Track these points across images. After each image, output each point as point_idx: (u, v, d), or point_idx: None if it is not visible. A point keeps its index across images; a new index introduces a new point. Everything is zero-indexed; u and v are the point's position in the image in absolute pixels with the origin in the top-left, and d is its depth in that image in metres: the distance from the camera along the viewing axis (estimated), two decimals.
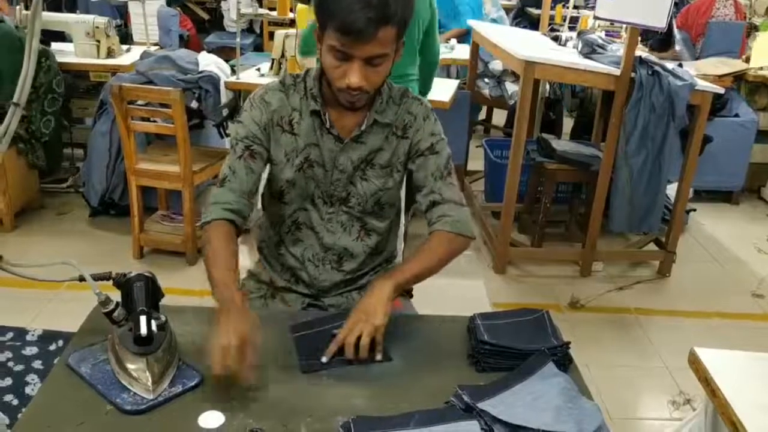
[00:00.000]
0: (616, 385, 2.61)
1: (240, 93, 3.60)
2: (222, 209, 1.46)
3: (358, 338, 1.30)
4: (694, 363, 1.41)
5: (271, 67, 3.55)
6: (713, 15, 5.30)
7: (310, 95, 1.50)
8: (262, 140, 1.51)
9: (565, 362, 1.34)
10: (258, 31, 6.80)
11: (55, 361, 1.29)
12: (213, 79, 3.39)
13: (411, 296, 1.80)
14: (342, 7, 1.29)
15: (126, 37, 4.74)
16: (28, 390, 2.28)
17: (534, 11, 5.88)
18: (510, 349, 1.32)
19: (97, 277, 1.27)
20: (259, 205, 1.69)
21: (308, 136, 1.51)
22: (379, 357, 1.32)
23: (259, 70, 3.68)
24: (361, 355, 1.30)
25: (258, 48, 6.44)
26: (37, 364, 2.41)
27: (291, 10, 4.26)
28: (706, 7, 5.32)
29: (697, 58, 4.62)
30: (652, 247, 3.65)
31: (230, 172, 1.50)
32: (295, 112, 1.52)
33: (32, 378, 2.34)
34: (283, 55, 3.46)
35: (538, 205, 3.60)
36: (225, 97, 3.41)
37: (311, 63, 3.40)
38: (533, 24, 5.58)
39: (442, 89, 3.36)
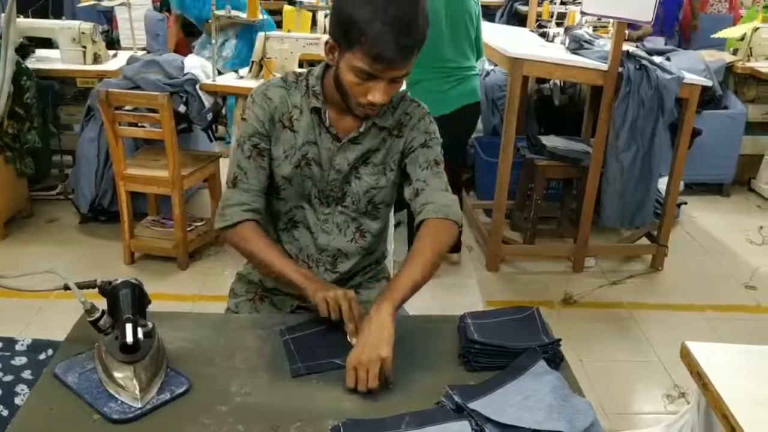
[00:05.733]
0: (610, 379, 2.61)
1: (225, 97, 3.58)
2: (242, 211, 1.50)
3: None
4: (686, 357, 1.42)
5: (250, 70, 3.53)
6: (707, 11, 5.34)
7: (312, 93, 1.50)
8: (266, 136, 1.52)
9: (556, 359, 1.33)
10: None
11: (44, 371, 1.28)
12: (195, 83, 3.37)
13: None
14: (378, 35, 1.28)
15: (113, 43, 4.71)
16: (17, 401, 2.25)
17: (522, 8, 5.89)
18: (500, 347, 1.31)
19: (82, 286, 1.26)
20: None
21: (307, 133, 1.51)
22: (389, 386, 1.26)
23: (237, 72, 3.66)
24: (370, 388, 1.23)
25: None
26: (27, 374, 2.39)
27: (273, 13, 4.23)
28: (700, 4, 5.36)
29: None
30: (644, 241, 3.65)
31: (241, 172, 1.52)
32: (296, 109, 1.52)
33: (21, 388, 2.32)
34: (263, 58, 3.43)
35: (530, 202, 3.60)
36: (206, 100, 3.38)
37: (292, 65, 3.39)
38: (521, 21, 5.59)
39: None
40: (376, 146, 1.54)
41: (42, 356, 2.46)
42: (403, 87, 3.25)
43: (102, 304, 1.27)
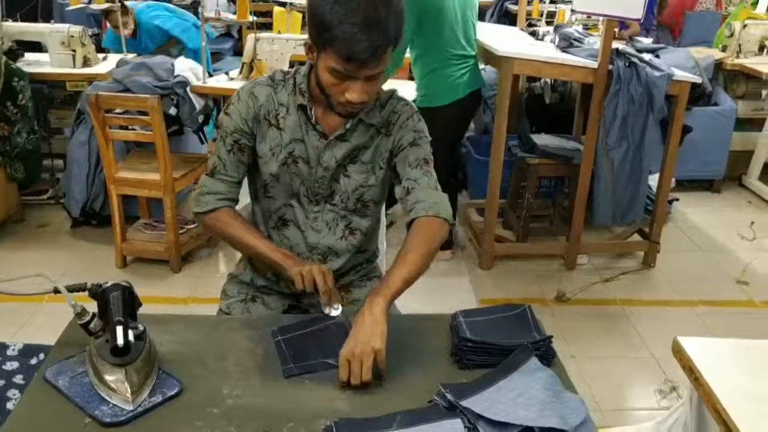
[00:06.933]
0: (604, 376, 2.62)
1: (216, 99, 3.57)
2: (218, 199, 1.56)
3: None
4: (678, 352, 1.42)
5: (241, 71, 3.53)
6: (696, 9, 5.37)
7: (299, 91, 1.51)
8: (249, 134, 1.54)
9: (548, 356, 1.33)
10: (237, 35, 6.77)
11: (35, 375, 1.27)
12: (185, 85, 3.36)
13: None
14: (347, 34, 1.30)
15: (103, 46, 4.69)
16: (9, 405, 2.25)
17: (512, 7, 5.90)
18: (493, 345, 1.31)
19: (72, 289, 1.25)
20: (248, 199, 1.69)
21: (294, 131, 1.52)
22: (382, 379, 1.27)
23: (227, 74, 3.65)
24: (364, 381, 1.24)
25: (238, 52, 6.41)
26: (18, 378, 2.39)
27: (263, 14, 4.23)
28: (690, 2, 5.39)
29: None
30: (636, 238, 3.66)
31: (220, 163, 1.56)
32: (282, 107, 1.53)
33: (13, 393, 2.32)
34: (253, 59, 3.43)
35: (522, 201, 3.60)
36: (197, 102, 3.38)
37: (283, 66, 3.39)
38: (511, 20, 5.60)
39: (409, 90, 3.35)
40: (364, 144, 1.54)
41: (33, 361, 2.46)
42: (418, 78, 3.28)
43: (93, 307, 1.27)
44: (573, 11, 3.74)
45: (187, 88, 3.37)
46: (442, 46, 3.12)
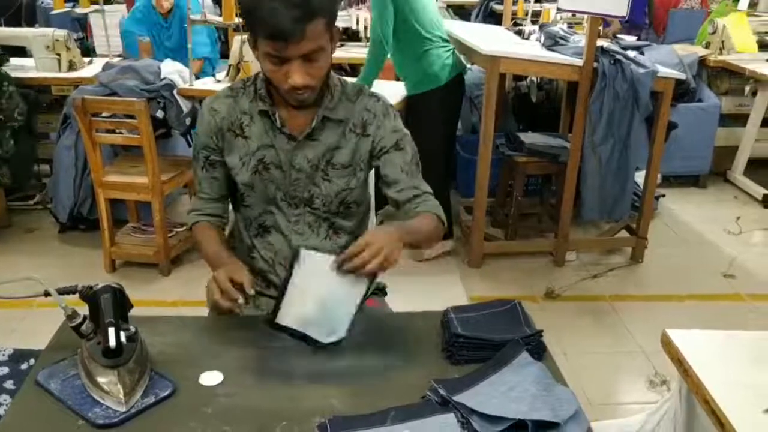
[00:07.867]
0: (594, 371, 2.64)
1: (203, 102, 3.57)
2: (197, 215, 1.63)
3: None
4: (667, 345, 1.43)
5: (228, 73, 3.52)
6: (680, 7, 5.43)
7: (259, 97, 1.51)
8: (215, 149, 1.56)
9: (539, 351, 1.34)
10: (224, 38, 6.75)
11: (26, 379, 1.26)
12: (172, 87, 3.36)
13: (385, 294, 1.80)
14: (265, 12, 1.30)
15: (88, 51, 4.67)
16: (0, 411, 2.24)
17: (498, 7, 5.92)
18: (484, 340, 1.32)
19: (62, 291, 1.25)
20: (231, 208, 1.70)
21: (261, 138, 1.52)
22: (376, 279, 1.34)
23: (214, 76, 3.65)
24: (367, 270, 1.28)
25: (225, 55, 6.38)
26: (9, 384, 2.37)
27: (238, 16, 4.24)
28: (675, 0, 5.45)
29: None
30: (624, 234, 3.69)
31: (198, 182, 1.63)
32: (245, 115, 1.53)
33: (4, 398, 2.30)
34: (239, 61, 3.43)
35: (510, 199, 3.62)
36: (184, 105, 3.37)
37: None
38: (497, 19, 5.62)
39: (393, 91, 3.35)
40: (336, 143, 1.53)
41: (24, 366, 2.44)
42: (405, 67, 3.30)
43: (84, 310, 1.27)
44: (559, 9, 3.76)
45: (174, 91, 3.36)
46: (427, 29, 3.17)
